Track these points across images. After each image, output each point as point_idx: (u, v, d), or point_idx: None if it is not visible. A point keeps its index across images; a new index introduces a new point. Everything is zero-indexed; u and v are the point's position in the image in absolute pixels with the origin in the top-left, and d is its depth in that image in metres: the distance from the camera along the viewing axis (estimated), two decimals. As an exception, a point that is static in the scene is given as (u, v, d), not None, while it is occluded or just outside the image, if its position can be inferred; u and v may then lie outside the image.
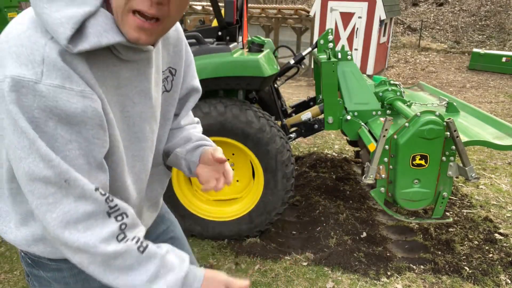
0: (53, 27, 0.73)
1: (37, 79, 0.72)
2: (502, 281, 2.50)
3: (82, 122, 0.77)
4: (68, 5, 0.75)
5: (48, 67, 0.73)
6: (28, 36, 0.75)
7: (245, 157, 2.80)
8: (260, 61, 2.54)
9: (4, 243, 2.90)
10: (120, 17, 0.78)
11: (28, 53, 0.73)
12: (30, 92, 0.72)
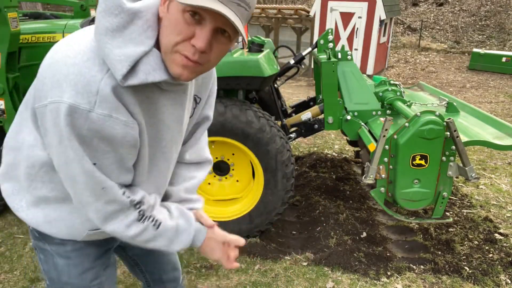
0: (112, 61, 0.85)
1: (90, 108, 0.85)
2: (502, 281, 2.50)
3: (120, 143, 0.92)
4: (127, 43, 0.86)
5: (101, 99, 0.85)
6: (88, 68, 0.86)
7: (245, 157, 2.80)
8: (260, 61, 2.54)
9: (4, 243, 2.90)
10: (167, 55, 0.89)
11: (85, 83, 0.85)
12: (82, 117, 0.85)
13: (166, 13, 0.88)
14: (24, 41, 2.93)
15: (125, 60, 0.85)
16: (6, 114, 2.88)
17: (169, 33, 0.87)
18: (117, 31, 0.86)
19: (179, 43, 0.87)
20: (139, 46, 0.87)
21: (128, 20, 0.87)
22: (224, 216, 2.85)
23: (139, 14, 0.88)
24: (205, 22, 0.85)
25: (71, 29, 2.98)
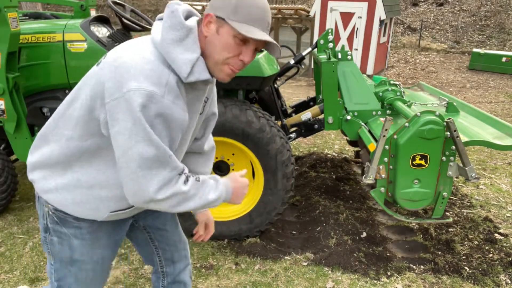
0: (179, 63, 1.14)
1: (162, 95, 1.10)
2: (502, 281, 2.50)
3: (176, 126, 1.17)
4: (186, 51, 1.16)
5: (169, 89, 1.12)
6: (157, 65, 1.13)
7: (245, 157, 2.80)
8: (260, 61, 2.53)
9: (4, 243, 2.90)
10: (218, 66, 1.20)
11: (157, 76, 1.11)
12: (156, 102, 1.09)
13: (215, 34, 1.16)
14: (24, 41, 2.93)
15: (188, 63, 1.14)
16: (6, 114, 2.87)
17: (221, 51, 1.17)
18: (179, 42, 1.15)
19: (230, 58, 1.18)
20: (193, 53, 1.16)
21: (186, 34, 1.16)
22: (224, 216, 2.85)
23: (192, 30, 1.17)
24: (249, 44, 1.17)
25: (71, 29, 2.98)
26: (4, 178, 3.08)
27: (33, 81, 3.02)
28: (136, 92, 1.07)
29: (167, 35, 1.15)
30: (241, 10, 1.13)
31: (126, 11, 3.20)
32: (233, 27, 1.12)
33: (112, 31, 3.20)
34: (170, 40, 1.15)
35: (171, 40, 1.15)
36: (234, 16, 1.13)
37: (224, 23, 1.14)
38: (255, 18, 1.14)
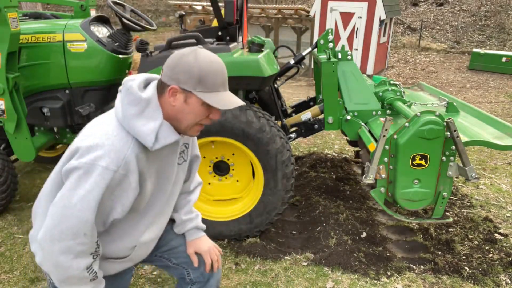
0: (143, 135, 1.23)
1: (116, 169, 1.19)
2: (502, 281, 2.50)
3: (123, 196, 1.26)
4: (148, 121, 1.25)
5: (125, 163, 1.21)
6: (118, 140, 1.22)
7: (245, 157, 2.80)
8: (260, 61, 2.53)
9: (4, 243, 2.90)
10: (190, 128, 1.32)
11: (116, 151, 1.20)
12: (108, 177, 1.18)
13: (184, 104, 1.27)
14: (24, 41, 2.93)
15: (152, 132, 1.23)
16: (6, 114, 2.87)
17: (192, 117, 1.29)
18: (139, 114, 1.25)
19: (200, 120, 1.31)
20: (156, 121, 1.25)
21: (145, 105, 1.26)
22: (224, 216, 2.85)
23: (150, 100, 1.27)
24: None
25: (71, 29, 2.98)
26: (4, 178, 3.08)
27: (33, 81, 3.02)
28: (93, 166, 1.17)
29: (128, 111, 1.24)
30: (204, 81, 1.24)
31: (126, 11, 3.21)
32: (201, 99, 1.24)
33: (112, 31, 3.20)
34: (130, 115, 1.24)
35: (131, 115, 1.24)
36: (200, 87, 1.24)
37: (191, 94, 1.25)
38: (218, 83, 1.27)
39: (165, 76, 1.26)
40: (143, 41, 2.81)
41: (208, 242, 1.71)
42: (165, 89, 1.26)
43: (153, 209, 1.45)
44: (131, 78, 1.30)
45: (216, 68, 1.26)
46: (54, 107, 3.04)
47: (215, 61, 1.27)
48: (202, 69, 1.23)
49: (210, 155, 2.85)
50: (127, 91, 1.27)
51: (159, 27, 15.50)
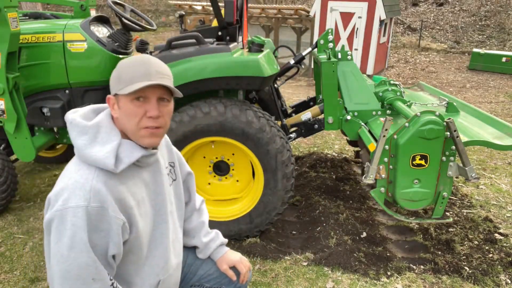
0: (101, 161, 1.17)
1: (87, 204, 1.13)
2: (502, 281, 2.50)
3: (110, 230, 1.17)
4: (103, 145, 1.20)
5: (94, 194, 1.14)
6: (81, 175, 1.17)
7: (245, 157, 2.80)
8: (260, 61, 2.53)
9: (4, 243, 2.90)
10: (136, 135, 1.25)
11: (81, 186, 1.15)
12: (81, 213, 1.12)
13: (119, 110, 1.24)
14: (24, 41, 2.93)
15: (110, 155, 1.18)
16: (6, 114, 2.87)
17: (129, 120, 1.23)
18: (92, 142, 1.20)
19: (140, 122, 1.22)
20: (112, 142, 1.21)
21: (96, 130, 1.22)
22: (224, 216, 2.85)
23: (100, 124, 1.24)
24: (149, 99, 1.23)
25: (71, 29, 2.98)
26: (4, 178, 3.08)
27: (33, 81, 3.02)
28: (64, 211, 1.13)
29: (79, 143, 1.21)
30: (122, 78, 1.22)
31: (126, 11, 3.21)
32: (123, 94, 1.21)
33: (112, 31, 3.20)
34: (83, 146, 1.20)
35: (84, 146, 1.20)
36: (120, 85, 1.21)
37: (119, 97, 1.23)
38: (138, 76, 1.20)
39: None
40: (143, 41, 2.81)
41: (235, 254, 1.66)
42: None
43: (164, 237, 1.39)
44: (72, 111, 1.28)
45: (134, 62, 1.24)
46: (54, 107, 3.04)
47: (138, 58, 1.25)
48: (120, 68, 1.24)
49: (210, 155, 2.85)
50: (71, 125, 1.24)
51: (159, 27, 15.50)
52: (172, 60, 2.55)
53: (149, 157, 1.32)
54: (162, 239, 1.39)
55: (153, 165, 1.36)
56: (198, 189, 2.96)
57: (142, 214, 1.29)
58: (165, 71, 1.27)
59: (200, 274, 1.65)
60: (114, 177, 1.20)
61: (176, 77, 2.50)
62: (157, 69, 1.24)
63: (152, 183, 1.35)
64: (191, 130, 2.57)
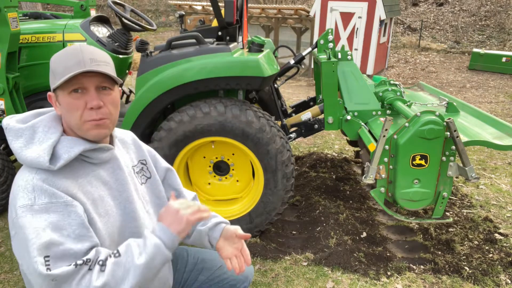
0: (36, 161, 1.13)
1: (32, 204, 1.09)
2: (502, 281, 2.50)
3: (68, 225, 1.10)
4: (40, 144, 1.16)
5: (38, 192, 1.11)
6: (21, 178, 1.14)
7: (245, 157, 2.80)
8: (260, 61, 2.53)
9: (4, 243, 2.90)
10: (81, 129, 1.19)
11: (24, 187, 1.12)
12: (28, 212, 1.08)
13: (60, 106, 1.20)
14: (24, 41, 2.93)
15: (43, 152, 1.13)
16: (6, 114, 2.88)
17: (71, 114, 1.18)
18: (29, 143, 1.17)
19: (82, 115, 1.17)
20: (48, 141, 1.16)
21: (32, 131, 1.19)
22: (224, 216, 2.82)
23: (36, 125, 1.20)
24: (87, 89, 1.17)
25: (71, 29, 2.98)
26: (4, 178, 3.08)
27: (33, 81, 3.03)
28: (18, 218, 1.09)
29: (16, 147, 1.17)
30: (56, 71, 1.17)
31: (126, 11, 3.21)
32: (59, 88, 1.16)
33: (112, 31, 3.20)
34: (19, 149, 1.17)
35: (20, 149, 1.17)
36: (55, 79, 1.16)
37: (57, 92, 1.19)
38: (70, 65, 1.15)
39: None
40: (143, 41, 2.81)
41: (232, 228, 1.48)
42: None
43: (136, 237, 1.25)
44: (8, 117, 1.24)
45: (66, 53, 1.19)
46: (54, 107, 3.04)
47: (69, 49, 1.20)
48: (53, 62, 1.19)
49: (210, 155, 2.85)
50: (6, 130, 1.21)
51: (159, 27, 15.51)
52: (172, 60, 2.55)
53: (100, 152, 1.25)
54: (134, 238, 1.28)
55: (111, 162, 1.30)
56: (198, 189, 2.96)
57: (102, 214, 1.22)
58: (100, 57, 1.20)
59: (202, 279, 1.62)
60: (58, 174, 1.15)
61: (176, 77, 2.51)
62: (91, 57, 1.17)
63: (113, 181, 1.29)
64: (191, 130, 2.57)
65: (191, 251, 1.67)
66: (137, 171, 1.43)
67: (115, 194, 1.29)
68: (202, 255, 1.66)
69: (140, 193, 1.39)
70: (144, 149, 1.50)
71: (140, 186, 1.41)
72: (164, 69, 2.54)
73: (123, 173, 1.32)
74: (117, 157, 1.32)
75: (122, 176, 1.32)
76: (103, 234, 1.22)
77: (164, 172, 1.56)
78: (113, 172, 1.30)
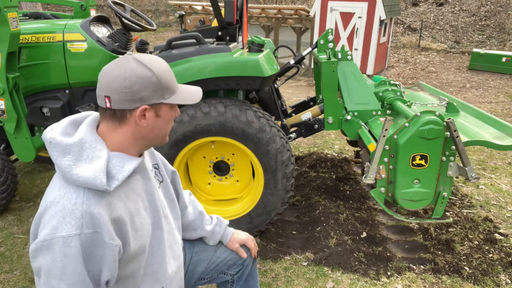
0: (91, 182, 1.06)
1: (79, 233, 1.03)
2: (502, 281, 2.50)
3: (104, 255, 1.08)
4: (90, 162, 1.09)
5: (86, 221, 1.04)
6: (68, 200, 1.06)
7: (245, 157, 2.80)
8: (260, 61, 2.53)
9: (4, 243, 2.90)
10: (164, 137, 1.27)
11: (71, 212, 1.04)
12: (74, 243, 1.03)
13: (155, 119, 1.18)
14: (24, 41, 2.93)
15: (99, 173, 1.07)
16: (6, 114, 2.88)
17: (167, 127, 1.24)
18: (77, 161, 1.09)
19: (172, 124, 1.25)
20: (99, 159, 1.10)
21: (80, 149, 1.10)
22: (224, 216, 2.84)
23: (83, 141, 1.12)
24: None
25: (71, 29, 2.98)
26: (4, 178, 3.08)
27: (33, 81, 3.02)
28: (51, 241, 1.03)
29: (62, 165, 1.09)
30: (168, 85, 1.18)
31: (126, 11, 3.21)
32: (171, 103, 1.20)
33: (112, 31, 3.20)
34: (67, 167, 1.08)
35: (68, 167, 1.08)
36: (167, 94, 1.18)
37: (161, 105, 1.18)
38: (175, 81, 1.23)
39: (119, 103, 1.12)
40: (143, 41, 2.81)
41: (242, 232, 1.71)
42: (126, 116, 1.14)
43: (160, 243, 1.33)
44: (49, 129, 1.15)
45: (166, 66, 1.21)
46: (54, 107, 3.04)
47: (160, 60, 1.20)
48: (161, 75, 1.15)
49: (210, 155, 2.85)
50: (50, 145, 1.12)
51: (159, 27, 15.51)
52: (172, 60, 2.55)
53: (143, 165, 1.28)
54: (159, 246, 1.33)
55: (141, 172, 1.29)
56: (198, 189, 2.96)
57: (138, 228, 1.21)
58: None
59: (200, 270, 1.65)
60: (106, 195, 1.10)
61: (176, 77, 2.50)
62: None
63: (144, 191, 1.29)
64: (191, 130, 2.57)
65: (186, 245, 1.68)
66: (152, 175, 1.42)
67: (146, 205, 1.28)
68: (195, 248, 1.68)
69: (159, 199, 1.40)
70: (155, 153, 1.51)
71: (158, 190, 1.41)
72: (164, 69, 2.54)
73: (151, 182, 1.32)
74: (145, 166, 1.32)
75: (150, 186, 1.31)
76: (135, 250, 1.19)
77: (171, 175, 1.60)
78: (144, 181, 1.29)
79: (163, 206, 1.40)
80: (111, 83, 1.11)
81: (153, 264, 1.31)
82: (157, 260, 1.32)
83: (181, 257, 1.50)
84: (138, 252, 1.22)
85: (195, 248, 1.67)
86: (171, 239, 1.42)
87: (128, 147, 1.19)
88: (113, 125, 1.16)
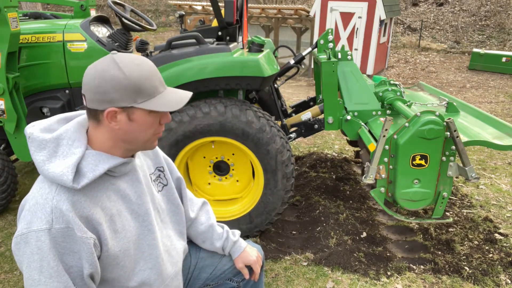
0: (59, 178, 1.07)
1: (49, 227, 1.05)
2: (502, 281, 2.50)
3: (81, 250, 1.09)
4: (63, 159, 1.10)
5: (56, 216, 1.06)
6: (41, 195, 1.09)
7: (245, 157, 2.80)
8: (260, 61, 2.53)
9: (4, 243, 2.90)
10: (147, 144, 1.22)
11: (42, 207, 1.07)
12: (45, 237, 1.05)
13: (129, 122, 1.14)
14: (24, 41, 2.93)
15: (67, 170, 1.07)
16: (6, 114, 2.88)
17: (144, 132, 1.17)
18: (52, 157, 1.11)
19: (156, 130, 1.20)
20: (72, 156, 1.11)
21: (55, 145, 1.12)
22: (224, 216, 2.85)
23: (60, 137, 1.13)
24: None
25: (71, 29, 2.98)
26: (4, 178, 3.08)
27: (33, 81, 3.03)
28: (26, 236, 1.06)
29: (38, 159, 1.11)
30: (143, 89, 1.12)
31: (126, 11, 3.21)
32: (146, 109, 1.13)
33: (112, 31, 3.20)
34: (41, 162, 1.10)
35: (42, 162, 1.10)
36: (140, 98, 1.12)
37: (134, 109, 1.13)
38: (157, 84, 1.15)
39: (91, 102, 1.12)
40: (143, 41, 2.81)
41: (253, 251, 1.63)
42: (100, 116, 1.13)
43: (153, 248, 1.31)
44: (32, 124, 1.17)
45: (147, 69, 1.14)
46: (54, 107, 3.04)
47: (141, 62, 1.14)
48: (134, 78, 1.10)
49: (210, 155, 2.85)
50: (29, 139, 1.13)
51: (159, 27, 15.51)
52: (172, 60, 2.55)
53: (123, 166, 1.22)
54: (151, 251, 1.30)
55: (130, 174, 1.26)
56: (198, 189, 2.96)
57: (118, 230, 1.19)
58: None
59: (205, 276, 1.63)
60: (78, 193, 1.10)
61: (176, 77, 2.51)
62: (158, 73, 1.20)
63: (132, 194, 1.26)
64: (191, 130, 2.57)
65: (191, 250, 1.67)
66: (154, 179, 1.40)
67: (133, 207, 1.26)
68: (201, 253, 1.66)
69: (157, 202, 1.37)
70: (161, 156, 1.49)
71: (157, 194, 1.39)
72: (164, 69, 2.54)
73: (141, 185, 1.29)
74: (136, 168, 1.29)
75: (140, 189, 1.29)
76: (115, 251, 1.19)
77: (176, 181, 1.56)
78: (132, 184, 1.26)
79: (159, 210, 1.38)
80: (86, 81, 1.12)
81: (145, 270, 1.29)
82: (149, 265, 1.30)
83: (180, 263, 1.47)
84: (121, 255, 1.21)
85: (201, 253, 1.65)
86: (169, 244, 1.40)
87: (110, 148, 1.18)
88: (93, 125, 1.17)
